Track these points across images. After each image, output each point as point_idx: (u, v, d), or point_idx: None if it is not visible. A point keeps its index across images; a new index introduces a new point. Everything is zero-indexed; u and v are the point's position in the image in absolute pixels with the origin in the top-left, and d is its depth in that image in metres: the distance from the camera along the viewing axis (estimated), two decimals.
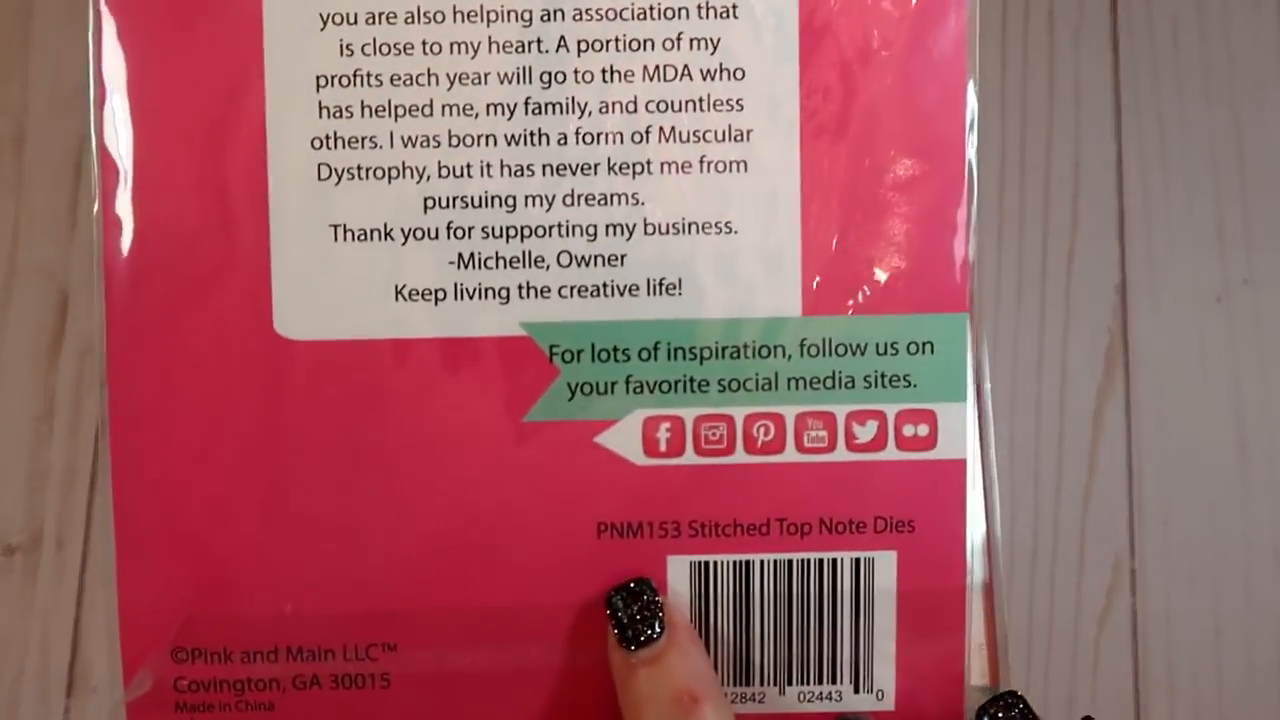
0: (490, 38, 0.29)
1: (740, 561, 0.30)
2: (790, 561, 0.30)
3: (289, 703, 0.30)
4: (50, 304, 0.50)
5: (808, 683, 0.30)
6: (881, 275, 0.29)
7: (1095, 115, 0.54)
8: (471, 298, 0.29)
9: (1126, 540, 0.53)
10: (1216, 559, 0.53)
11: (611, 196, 0.29)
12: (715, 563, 0.30)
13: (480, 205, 0.29)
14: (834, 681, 0.30)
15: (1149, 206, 0.54)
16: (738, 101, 0.29)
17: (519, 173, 0.29)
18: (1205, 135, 0.53)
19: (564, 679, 0.30)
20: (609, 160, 0.29)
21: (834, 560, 0.30)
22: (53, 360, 0.49)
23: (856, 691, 0.30)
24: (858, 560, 0.30)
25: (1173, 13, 0.54)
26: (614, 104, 0.29)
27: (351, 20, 0.29)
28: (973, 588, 0.30)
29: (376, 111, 0.29)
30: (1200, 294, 0.53)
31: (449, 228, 0.29)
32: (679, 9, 0.29)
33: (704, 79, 0.29)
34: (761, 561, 0.30)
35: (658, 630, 0.29)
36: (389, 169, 0.29)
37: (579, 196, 0.29)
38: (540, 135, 0.29)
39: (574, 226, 0.29)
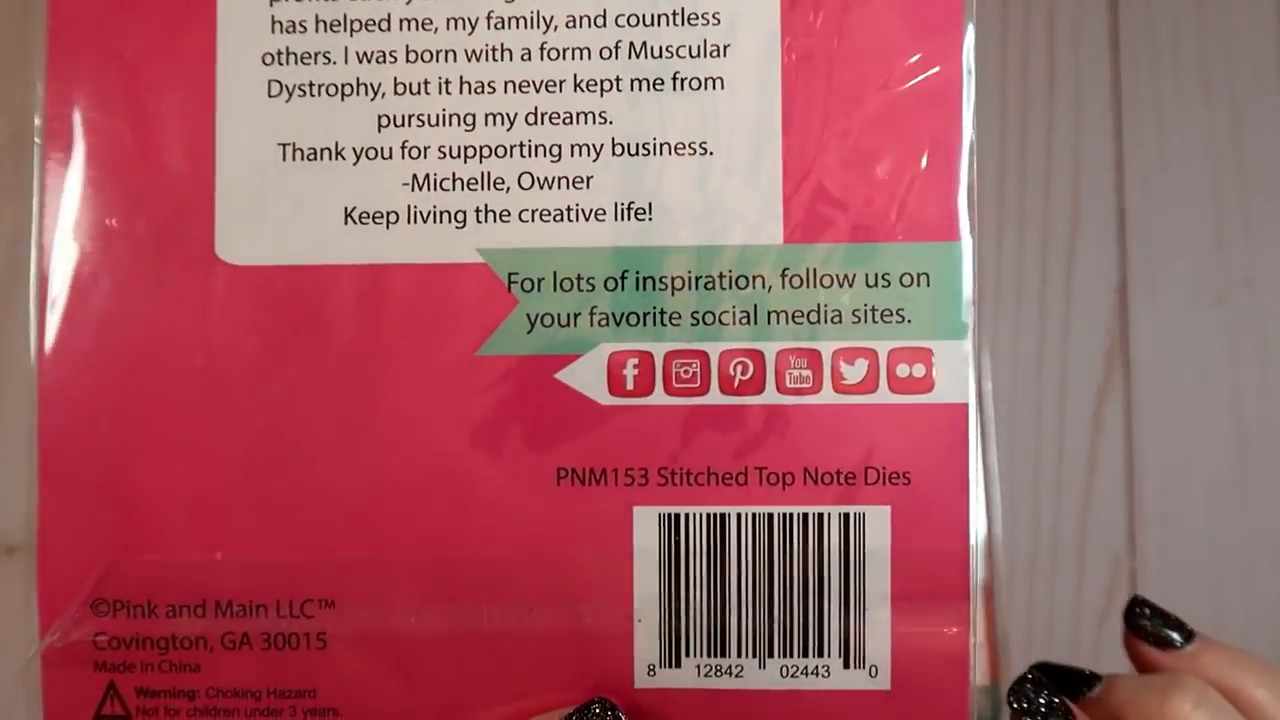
0: None
1: (714, 514, 0.24)
2: (770, 515, 0.24)
3: (216, 664, 0.24)
4: None
5: (791, 655, 0.24)
6: (872, 200, 0.24)
7: (1095, 115, 0.49)
8: (425, 221, 0.24)
9: (1126, 540, 0.48)
10: (1216, 559, 0.48)
11: (577, 115, 0.24)
12: (687, 515, 0.24)
13: (438, 124, 0.24)
14: (820, 654, 0.24)
15: (1149, 206, 0.49)
16: (714, 15, 0.24)
17: (479, 90, 0.24)
18: (1205, 135, 0.49)
19: (518, 644, 0.24)
20: (575, 77, 0.24)
21: (820, 515, 0.24)
22: None
23: (846, 666, 0.24)
24: (846, 515, 0.24)
25: (1173, 12, 0.49)
26: (581, 18, 0.24)
27: None
28: (975, 582, 0.25)
29: (331, 26, 0.25)
30: (1200, 294, 0.49)
31: (403, 147, 0.24)
32: None
33: None
34: (739, 515, 0.24)
35: None
36: (342, 85, 0.24)
37: (543, 115, 0.24)
38: (503, 51, 0.24)
39: (537, 146, 0.24)
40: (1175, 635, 0.25)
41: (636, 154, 0.24)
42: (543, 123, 0.24)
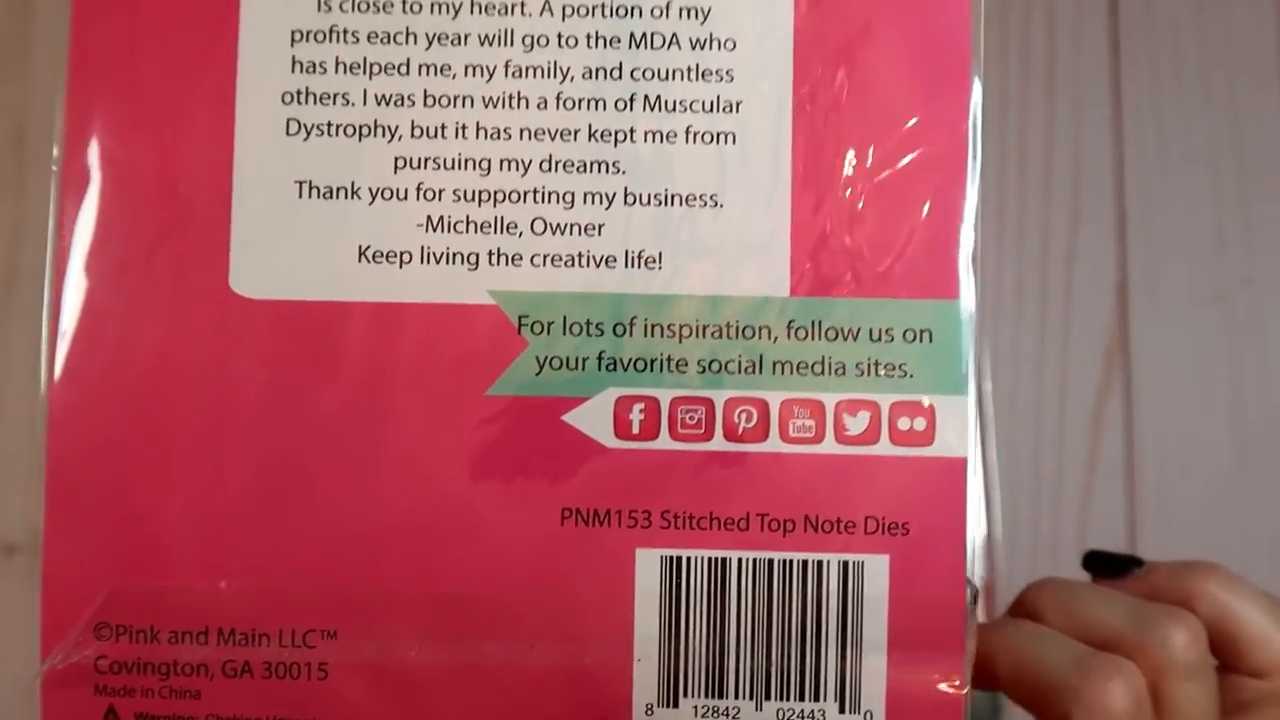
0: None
1: (716, 558, 0.25)
2: (770, 561, 0.25)
3: (217, 691, 0.25)
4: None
5: (788, 698, 0.25)
6: (877, 257, 0.24)
7: (1095, 115, 0.50)
8: (438, 262, 0.25)
9: (1127, 540, 0.49)
10: (1216, 558, 0.49)
11: (591, 164, 0.24)
12: (688, 558, 0.25)
13: (453, 167, 0.25)
14: (817, 698, 0.25)
15: (1149, 206, 0.49)
16: (728, 72, 0.24)
17: (495, 135, 0.25)
18: (1205, 135, 0.49)
19: (518, 679, 0.25)
20: (590, 127, 0.24)
21: (819, 562, 0.25)
22: None
23: (842, 711, 0.25)
24: (846, 563, 0.25)
25: (1173, 13, 0.49)
26: (597, 70, 0.24)
27: None
28: (970, 633, 0.25)
29: (351, 68, 0.25)
30: (1200, 294, 0.49)
31: (419, 189, 0.25)
32: None
33: (693, 48, 0.24)
34: (739, 560, 0.25)
35: None
36: (360, 126, 0.25)
37: (557, 163, 0.25)
38: (519, 99, 0.25)
39: (550, 193, 0.25)
40: (1132, 567, 0.30)
41: (648, 204, 0.25)
42: (557, 170, 0.25)
